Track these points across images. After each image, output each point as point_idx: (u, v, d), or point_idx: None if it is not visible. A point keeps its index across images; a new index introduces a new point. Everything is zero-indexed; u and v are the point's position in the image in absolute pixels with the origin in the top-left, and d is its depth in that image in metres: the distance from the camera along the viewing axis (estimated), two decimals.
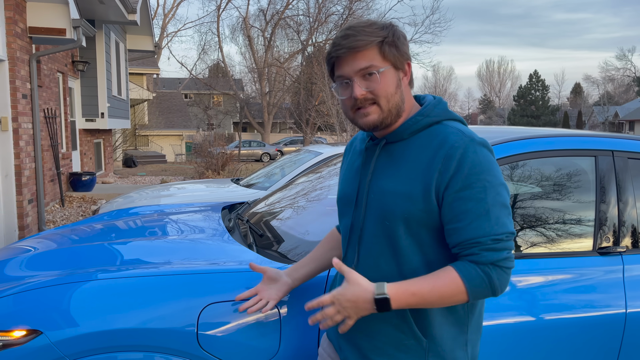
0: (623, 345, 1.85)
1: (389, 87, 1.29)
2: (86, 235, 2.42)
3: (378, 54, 1.28)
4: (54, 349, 1.52)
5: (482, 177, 1.22)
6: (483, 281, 1.20)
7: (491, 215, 1.21)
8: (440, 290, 1.20)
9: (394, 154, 1.33)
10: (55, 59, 9.26)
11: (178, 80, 41.05)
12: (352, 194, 1.39)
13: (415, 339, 1.29)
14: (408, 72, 1.34)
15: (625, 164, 2.03)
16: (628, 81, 53.14)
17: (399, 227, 1.27)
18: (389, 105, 1.29)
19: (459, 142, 1.24)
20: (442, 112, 1.34)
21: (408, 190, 1.26)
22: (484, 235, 1.21)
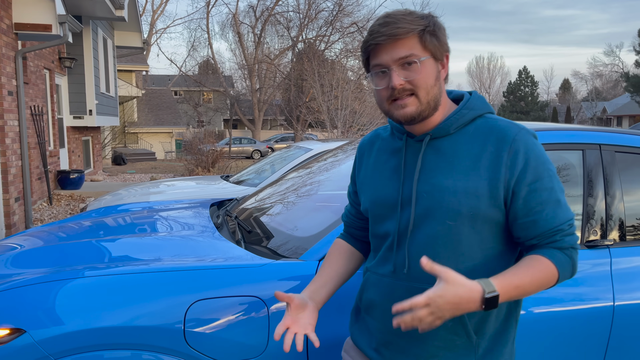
0: (611, 337, 1.86)
1: (428, 78, 1.24)
2: (74, 233, 2.39)
3: (418, 43, 1.23)
4: (38, 348, 1.50)
5: (546, 166, 1.24)
6: (569, 264, 1.23)
7: (561, 201, 1.24)
8: (539, 280, 1.19)
9: (443, 150, 1.28)
10: (41, 56, 9.15)
11: (167, 77, 40.80)
12: (394, 195, 1.32)
13: (468, 337, 1.27)
14: (446, 65, 1.29)
15: (612, 158, 2.04)
16: (616, 77, 53.62)
17: (464, 225, 1.23)
18: (428, 97, 1.25)
19: (519, 134, 1.24)
20: (483, 106, 1.33)
21: (472, 186, 1.23)
22: (562, 222, 1.23)
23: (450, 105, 1.33)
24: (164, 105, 29.33)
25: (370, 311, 1.38)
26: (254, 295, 1.63)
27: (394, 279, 1.31)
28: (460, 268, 1.25)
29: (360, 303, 1.43)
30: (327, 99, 15.59)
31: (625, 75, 39.15)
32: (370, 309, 1.38)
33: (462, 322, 1.25)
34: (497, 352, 1.29)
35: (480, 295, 1.11)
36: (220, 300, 1.61)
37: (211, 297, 1.61)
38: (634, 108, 39.82)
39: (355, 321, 1.46)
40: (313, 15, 26.49)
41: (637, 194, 2.08)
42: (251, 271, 1.68)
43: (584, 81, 63.35)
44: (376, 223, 1.37)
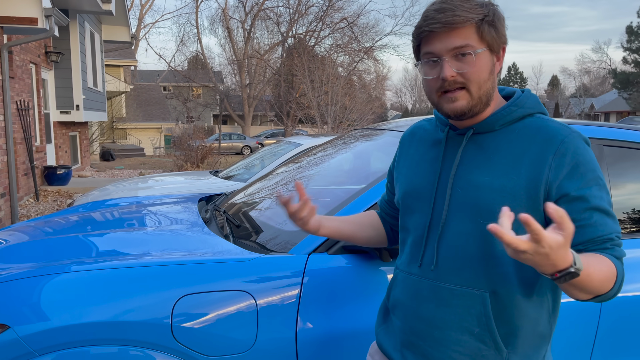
0: (599, 330, 1.88)
1: (482, 72, 1.16)
2: (60, 227, 2.36)
3: (475, 33, 1.15)
4: (22, 344, 1.48)
5: (596, 174, 1.14)
6: (621, 274, 1.11)
7: (611, 213, 1.14)
8: (605, 274, 1.05)
9: (485, 146, 1.21)
10: (27, 50, 9.03)
11: (156, 73, 40.50)
12: (428, 188, 1.25)
13: (497, 349, 1.18)
14: (501, 58, 1.21)
15: (600, 152, 2.05)
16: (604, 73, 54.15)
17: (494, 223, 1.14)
18: (480, 92, 1.17)
19: (569, 137, 1.15)
20: (535, 105, 1.24)
21: (509, 185, 1.15)
22: (612, 232, 1.13)
23: (500, 102, 1.25)
24: (153, 101, 29.11)
25: (395, 310, 1.32)
26: (242, 289, 1.62)
27: (420, 277, 1.25)
28: (491, 273, 1.17)
29: (388, 302, 1.37)
30: (317, 95, 15.57)
31: (612, 72, 39.54)
32: (395, 307, 1.32)
33: (490, 329, 1.18)
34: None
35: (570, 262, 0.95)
36: (209, 295, 1.59)
37: (199, 292, 1.59)
38: (621, 104, 40.26)
39: (382, 322, 1.39)
40: (303, 10, 26.42)
41: (625, 187, 2.09)
42: (240, 265, 1.67)
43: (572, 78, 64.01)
44: (406, 214, 1.31)
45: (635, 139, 2.13)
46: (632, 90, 35.72)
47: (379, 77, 28.66)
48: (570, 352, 1.86)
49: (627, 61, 36.58)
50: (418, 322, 1.25)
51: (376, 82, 28.48)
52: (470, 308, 1.19)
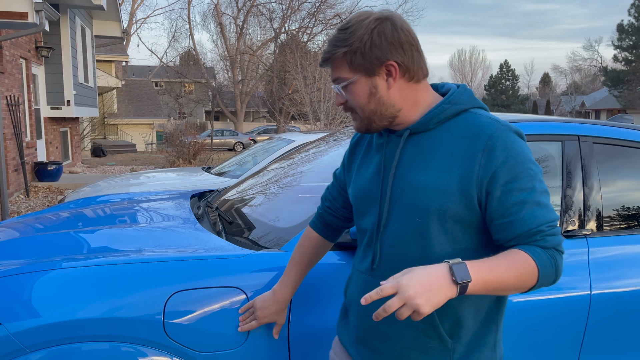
0: (588, 326, 1.89)
1: (359, 98, 1.25)
2: (51, 224, 2.35)
3: (345, 65, 1.23)
4: (13, 340, 1.47)
5: (526, 166, 1.17)
6: (550, 264, 1.15)
7: (542, 203, 1.17)
8: (516, 270, 1.10)
9: (422, 146, 1.25)
10: (17, 45, 8.94)
11: (148, 68, 40.24)
12: (373, 190, 1.31)
13: (441, 340, 1.23)
14: (395, 73, 1.22)
15: (590, 149, 2.07)
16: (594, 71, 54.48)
17: (432, 223, 1.20)
18: (365, 113, 1.26)
19: (497, 131, 1.18)
20: (469, 100, 1.27)
21: (443, 184, 1.19)
22: (542, 224, 1.16)
23: (431, 100, 1.29)
24: (145, 97, 28.94)
25: (350, 307, 1.38)
26: (234, 286, 1.62)
27: (368, 275, 1.31)
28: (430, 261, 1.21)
29: (345, 299, 1.43)
30: (310, 91, 15.55)
31: (603, 70, 39.80)
32: (351, 305, 1.38)
33: (433, 324, 1.22)
34: (474, 357, 1.25)
35: (447, 266, 1.06)
36: (201, 291, 1.59)
37: (191, 288, 1.59)
38: (611, 102, 40.54)
39: (342, 317, 1.45)
40: (296, 6, 26.34)
41: (614, 184, 2.11)
42: (232, 262, 1.67)
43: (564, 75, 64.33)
44: (358, 217, 1.37)
45: (625, 136, 2.15)
46: (622, 88, 35.98)
47: None
48: (559, 348, 1.87)
49: (617, 59, 36.83)
50: (368, 319, 1.31)
51: None
52: None
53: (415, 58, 1.23)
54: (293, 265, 1.54)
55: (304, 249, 1.55)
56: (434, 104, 1.27)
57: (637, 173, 2.16)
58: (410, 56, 1.22)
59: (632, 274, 1.97)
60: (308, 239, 1.55)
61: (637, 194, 2.16)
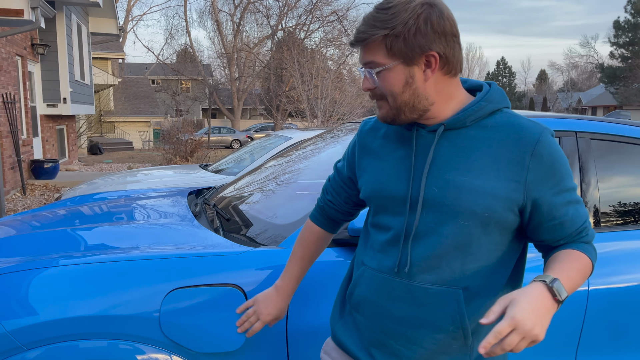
0: (585, 322, 1.90)
1: (393, 86, 1.17)
2: (48, 221, 2.34)
3: (383, 49, 1.15)
4: (10, 338, 1.46)
5: (566, 167, 1.20)
6: (596, 256, 1.23)
7: (579, 200, 1.23)
8: (583, 271, 1.17)
9: (459, 144, 1.19)
10: (13, 42, 8.90)
11: (145, 66, 40.14)
12: (401, 187, 1.23)
13: (465, 340, 1.22)
14: (434, 64, 1.16)
15: (588, 145, 2.07)
16: (591, 68, 54.57)
17: (475, 226, 1.16)
18: (397, 103, 1.19)
19: (543, 136, 1.18)
20: (503, 99, 1.24)
21: (490, 186, 1.15)
22: (585, 220, 1.22)
23: (464, 97, 1.23)
24: (142, 94, 28.85)
25: (360, 308, 1.30)
26: (232, 283, 1.61)
27: (392, 276, 1.23)
28: (465, 269, 1.19)
29: (350, 299, 1.33)
30: (307, 88, 15.53)
31: (600, 67, 39.87)
32: (361, 306, 1.29)
33: (463, 326, 1.20)
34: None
35: (545, 286, 1.05)
36: (198, 289, 1.59)
37: (189, 286, 1.59)
38: (608, 99, 40.63)
39: (339, 317, 1.38)
40: (293, 3, 26.27)
41: (611, 181, 2.11)
42: (230, 259, 1.66)
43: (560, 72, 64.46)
44: (379, 214, 1.29)
45: (622, 132, 2.15)
46: (619, 85, 36.05)
47: None
48: (556, 345, 1.88)
49: (614, 56, 36.90)
50: (389, 322, 1.24)
51: None
52: (444, 306, 1.19)
53: (456, 51, 1.18)
54: (295, 259, 1.50)
55: (306, 243, 1.50)
56: (466, 100, 1.23)
57: (634, 169, 2.16)
58: (452, 48, 1.17)
59: (630, 270, 1.98)
60: (310, 233, 1.50)
61: (634, 190, 2.16)
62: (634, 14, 34.60)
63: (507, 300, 1.03)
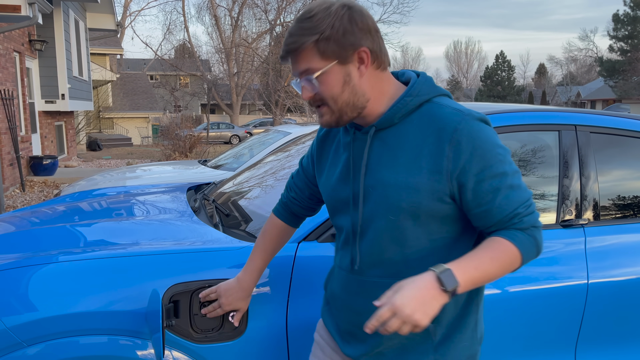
0: (585, 315, 1.90)
1: (332, 88, 1.20)
2: (47, 218, 2.34)
3: (316, 54, 1.18)
4: (10, 335, 1.46)
5: (495, 152, 1.17)
6: (531, 243, 1.19)
7: (515, 184, 1.19)
8: (500, 260, 1.15)
9: (388, 142, 1.23)
10: (11, 38, 8.87)
11: (143, 61, 40.02)
12: (345, 192, 1.30)
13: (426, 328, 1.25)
14: (367, 60, 1.20)
15: (587, 139, 2.07)
16: (590, 61, 54.49)
17: (405, 220, 1.20)
18: (337, 105, 1.21)
19: (462, 122, 1.17)
20: (430, 89, 1.25)
21: (412, 181, 1.18)
22: (518, 206, 1.18)
23: (395, 90, 1.26)
24: (140, 90, 28.78)
25: (332, 301, 1.40)
26: (231, 278, 1.61)
27: (349, 272, 1.32)
28: (408, 260, 1.24)
29: (326, 293, 1.45)
30: None
31: (599, 60, 39.81)
32: (332, 299, 1.40)
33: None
34: (456, 339, 1.27)
35: (434, 275, 1.09)
36: (198, 284, 1.59)
37: (189, 281, 1.59)
38: (607, 92, 40.59)
39: (325, 304, 1.47)
40: None
41: (611, 174, 2.11)
42: (230, 254, 1.66)
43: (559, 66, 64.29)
44: (333, 216, 1.37)
45: (621, 125, 2.15)
46: (618, 78, 36.01)
47: None
48: (556, 338, 1.88)
49: (613, 49, 36.83)
50: (351, 314, 1.33)
51: None
52: None
53: (382, 45, 1.22)
54: (257, 252, 1.53)
55: (270, 236, 1.54)
56: (397, 93, 1.26)
57: (633, 162, 2.16)
58: (378, 43, 1.21)
59: (629, 263, 1.98)
60: (273, 227, 1.54)
61: (633, 184, 2.16)
62: (633, 7, 34.51)
63: (397, 286, 1.10)
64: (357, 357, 1.34)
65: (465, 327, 1.28)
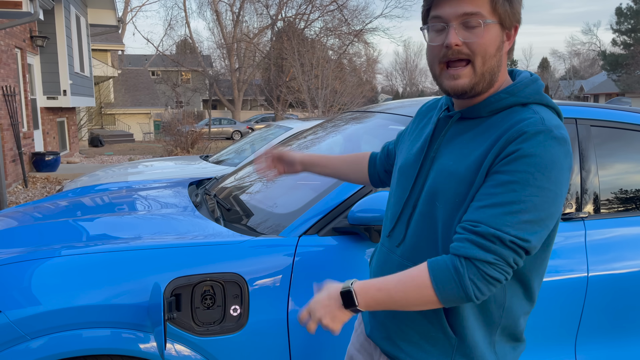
0: (585, 308, 1.91)
1: (490, 46, 1.09)
2: (50, 213, 2.35)
3: (488, 4, 1.08)
4: (14, 328, 1.48)
5: (531, 170, 1.01)
6: (450, 276, 1.03)
7: (514, 210, 1.01)
8: (405, 284, 1.06)
9: (465, 132, 1.15)
10: (12, 34, 8.87)
11: (144, 57, 39.98)
12: (413, 167, 1.22)
13: (444, 333, 1.16)
14: (512, 37, 1.13)
15: (588, 132, 2.07)
16: (593, 55, 54.25)
17: (447, 211, 1.12)
18: (484, 67, 1.09)
19: (532, 127, 1.03)
20: (533, 94, 1.12)
21: (462, 172, 1.10)
22: (485, 224, 1.02)
23: (505, 84, 1.17)
24: (142, 86, 28.77)
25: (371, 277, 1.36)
26: (233, 271, 1.62)
27: (389, 250, 1.26)
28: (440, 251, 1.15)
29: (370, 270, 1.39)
30: (307, 79, 15.49)
31: (602, 54, 39.64)
32: (371, 275, 1.37)
33: (437, 312, 1.16)
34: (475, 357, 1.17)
35: (338, 291, 1.11)
36: (200, 277, 1.60)
37: (191, 274, 1.60)
38: (610, 86, 40.43)
39: None
40: None
41: (611, 167, 2.11)
42: (231, 248, 1.67)
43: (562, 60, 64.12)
44: (392, 186, 1.31)
45: (622, 119, 2.15)
46: (621, 72, 35.86)
47: (369, 61, 28.53)
48: (556, 330, 1.89)
49: (616, 43, 36.66)
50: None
51: (367, 66, 28.35)
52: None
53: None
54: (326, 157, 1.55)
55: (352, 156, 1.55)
56: (503, 86, 1.16)
57: (634, 156, 2.16)
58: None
59: (629, 256, 1.98)
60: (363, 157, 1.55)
61: (633, 177, 2.16)
62: (637, 0, 34.33)
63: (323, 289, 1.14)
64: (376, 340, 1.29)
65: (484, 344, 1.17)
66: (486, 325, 1.17)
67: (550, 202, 1.03)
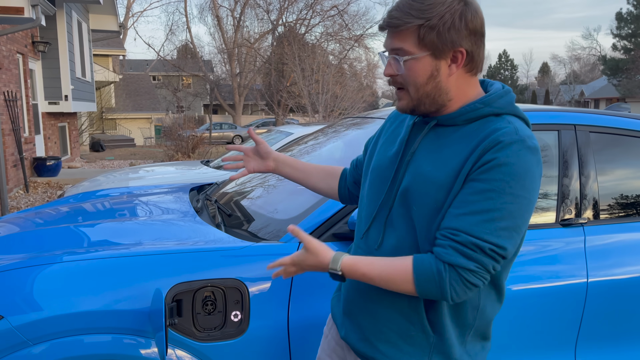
0: (585, 313, 1.91)
1: (417, 77, 1.17)
2: (51, 218, 2.36)
3: (415, 38, 1.14)
4: (16, 333, 1.49)
5: (506, 179, 1.08)
6: (432, 278, 1.11)
7: (491, 218, 1.08)
8: (388, 275, 1.14)
9: (442, 138, 1.20)
10: (14, 40, 8.91)
11: (145, 62, 40.09)
12: (389, 168, 1.27)
13: (424, 332, 1.21)
14: (460, 61, 1.16)
15: (587, 138, 2.08)
16: (593, 60, 54.34)
17: (425, 215, 1.17)
18: (418, 94, 1.18)
19: (506, 137, 1.10)
20: (506, 105, 1.19)
21: (441, 179, 1.15)
22: (465, 232, 1.09)
23: (477, 97, 1.22)
24: (143, 91, 28.83)
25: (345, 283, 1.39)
26: (234, 277, 1.63)
27: (364, 251, 1.30)
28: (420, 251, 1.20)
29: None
30: (308, 84, 15.52)
31: (602, 59, 39.69)
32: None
33: (418, 310, 1.21)
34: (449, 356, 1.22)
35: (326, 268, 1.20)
36: (201, 283, 1.60)
37: (191, 280, 1.60)
38: (610, 91, 40.46)
39: (336, 290, 1.46)
40: None
41: (610, 173, 2.12)
42: (232, 253, 1.68)
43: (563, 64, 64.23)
44: (364, 187, 1.35)
45: (621, 125, 2.15)
46: (621, 77, 35.90)
47: (370, 66, 28.61)
48: (556, 336, 1.89)
49: (616, 48, 36.72)
50: (356, 294, 1.31)
51: (367, 71, 28.42)
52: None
53: (481, 50, 1.20)
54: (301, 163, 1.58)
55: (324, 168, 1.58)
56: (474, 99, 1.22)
57: (633, 162, 2.17)
58: (479, 47, 1.18)
59: (629, 262, 1.99)
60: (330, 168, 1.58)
61: (633, 183, 2.17)
62: (637, 5, 34.40)
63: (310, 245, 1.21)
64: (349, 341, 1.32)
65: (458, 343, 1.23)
66: (460, 326, 1.23)
67: (525, 209, 1.11)
